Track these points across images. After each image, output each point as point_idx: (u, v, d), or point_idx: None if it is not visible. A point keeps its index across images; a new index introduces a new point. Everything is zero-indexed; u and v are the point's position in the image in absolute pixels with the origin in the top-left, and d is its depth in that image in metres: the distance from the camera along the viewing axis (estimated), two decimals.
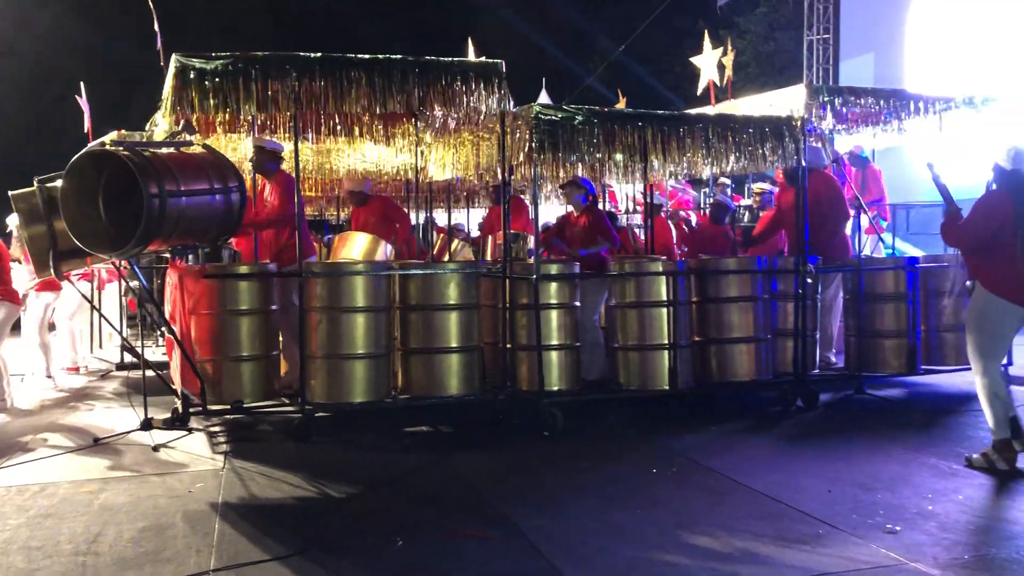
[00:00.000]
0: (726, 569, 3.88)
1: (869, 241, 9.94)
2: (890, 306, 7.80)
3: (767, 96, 8.07)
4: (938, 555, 3.99)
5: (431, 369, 6.71)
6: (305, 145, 8.77)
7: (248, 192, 7.11)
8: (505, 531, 4.42)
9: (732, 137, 7.24)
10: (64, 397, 8.30)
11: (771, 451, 6.07)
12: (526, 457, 5.99)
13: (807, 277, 7.43)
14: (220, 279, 6.59)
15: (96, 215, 6.04)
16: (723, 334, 7.29)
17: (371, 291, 6.55)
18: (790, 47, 22.65)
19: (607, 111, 7.11)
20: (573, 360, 7.04)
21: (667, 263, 7.21)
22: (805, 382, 7.43)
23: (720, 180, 12.01)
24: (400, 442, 6.54)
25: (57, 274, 6.78)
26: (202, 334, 6.57)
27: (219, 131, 7.96)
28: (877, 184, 10.38)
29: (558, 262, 7.45)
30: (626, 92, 15.89)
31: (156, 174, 5.67)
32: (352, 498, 5.10)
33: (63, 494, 5.11)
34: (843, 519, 4.49)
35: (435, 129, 7.95)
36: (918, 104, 7.87)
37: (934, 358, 8.07)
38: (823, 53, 18.85)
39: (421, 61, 6.43)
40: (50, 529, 4.48)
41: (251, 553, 4.14)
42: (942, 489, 5.00)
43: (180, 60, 5.98)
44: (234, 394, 6.55)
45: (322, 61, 6.21)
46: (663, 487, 5.20)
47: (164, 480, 5.39)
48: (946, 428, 6.67)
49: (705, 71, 10.40)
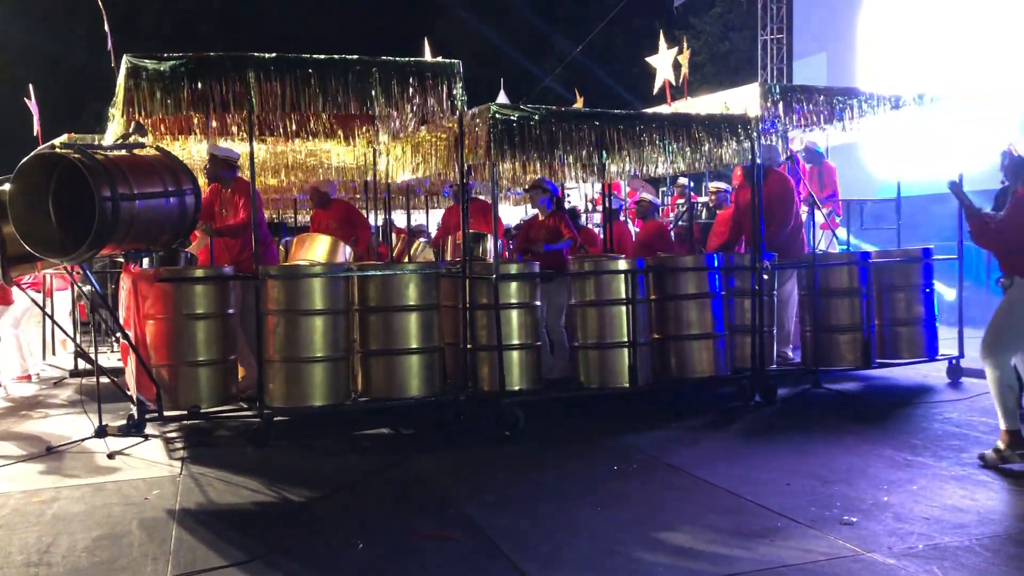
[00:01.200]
0: (687, 564, 3.91)
1: (824, 237, 10.07)
2: (844, 301, 7.91)
3: (722, 95, 8.17)
4: (893, 545, 4.06)
5: (391, 371, 6.67)
6: (260, 147, 8.68)
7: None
8: (467, 531, 4.42)
9: (688, 135, 7.31)
10: (15, 406, 8.12)
11: (730, 446, 6.13)
12: (488, 457, 5.99)
13: (763, 273, 7.52)
14: (175, 283, 6.49)
15: (46, 219, 5.92)
16: (682, 331, 7.34)
17: (329, 293, 6.50)
18: (745, 47, 22.89)
19: (564, 110, 7.14)
20: (534, 359, 7.04)
21: (626, 261, 7.25)
22: (763, 377, 7.52)
23: (679, 180, 12.11)
24: (360, 445, 6.50)
25: (6, 280, 6.63)
26: (157, 339, 6.47)
27: (172, 133, 7.85)
28: (831, 180, 10.53)
29: (517, 262, 7.45)
30: (584, 92, 15.95)
31: (108, 177, 5.56)
32: (312, 502, 5.05)
33: (14, 504, 4.99)
34: (801, 512, 4.55)
35: (392, 130, 7.91)
36: (870, 101, 8.00)
37: (888, 352, 8.21)
38: (777, 52, 19.07)
39: (377, 61, 6.40)
40: (1, 540, 4.38)
41: (209, 559, 4.09)
42: (897, 480, 5.09)
43: (131, 61, 5.88)
44: (191, 399, 6.46)
45: (276, 61, 6.15)
46: (624, 484, 5.22)
47: (119, 488, 5.30)
48: (901, 420, 6.79)
49: (661, 71, 10.49)
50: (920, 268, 8.22)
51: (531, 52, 26.34)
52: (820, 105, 7.80)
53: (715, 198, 10.44)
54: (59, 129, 9.14)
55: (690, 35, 21.04)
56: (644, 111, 8.79)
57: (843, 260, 8.16)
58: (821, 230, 9.94)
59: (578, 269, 7.24)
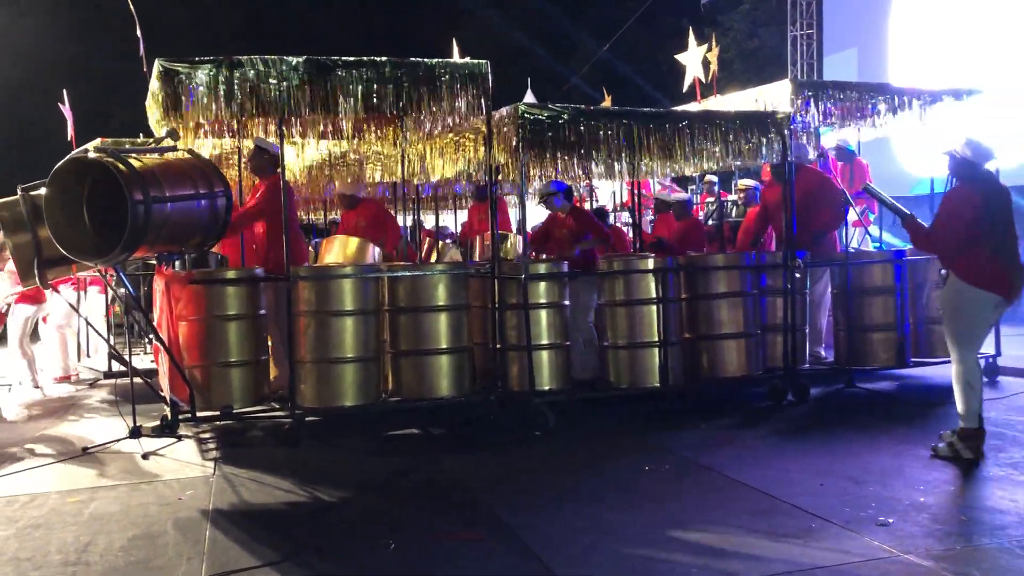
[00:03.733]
0: (719, 565, 3.88)
1: (856, 234, 9.95)
2: (878, 299, 7.82)
3: (752, 92, 8.09)
4: (931, 546, 4.00)
5: (421, 371, 6.68)
6: (290, 148, 8.73)
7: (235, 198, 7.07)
8: (497, 532, 4.41)
9: (718, 133, 7.26)
10: (52, 407, 8.25)
11: (762, 446, 6.07)
12: (517, 457, 5.98)
13: (795, 272, 7.44)
14: (207, 284, 6.55)
15: (81, 222, 5.99)
16: (713, 330, 7.29)
17: (359, 294, 6.53)
18: (773, 43, 22.70)
19: (593, 109, 7.13)
20: (563, 359, 7.03)
21: (656, 260, 7.21)
22: (795, 377, 7.44)
23: (707, 177, 12.02)
24: (391, 445, 6.52)
25: (42, 282, 6.71)
26: (190, 340, 6.53)
27: (203, 136, 7.91)
28: (864, 177, 10.40)
29: (546, 261, 7.44)
30: (611, 91, 15.89)
31: (141, 180, 5.62)
32: (343, 502, 5.08)
33: (52, 504, 5.06)
34: (835, 512, 4.49)
35: (421, 131, 7.93)
36: (902, 98, 7.90)
37: (923, 350, 8.09)
38: (807, 49, 18.91)
39: (406, 62, 6.41)
40: (39, 540, 4.44)
41: (242, 559, 4.12)
42: (933, 481, 5.01)
43: (163, 65, 5.95)
44: (223, 400, 6.51)
45: (306, 64, 6.18)
46: (655, 485, 5.19)
47: (154, 488, 5.36)
48: (937, 420, 6.68)
49: (690, 68, 10.41)
50: None
51: (558, 51, 26.29)
52: (852, 101, 7.72)
53: (744, 196, 10.36)
54: (91, 134, 9.23)
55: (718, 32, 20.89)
56: (674, 109, 8.73)
57: (877, 258, 8.06)
58: (854, 228, 9.83)
59: (607, 268, 7.20)
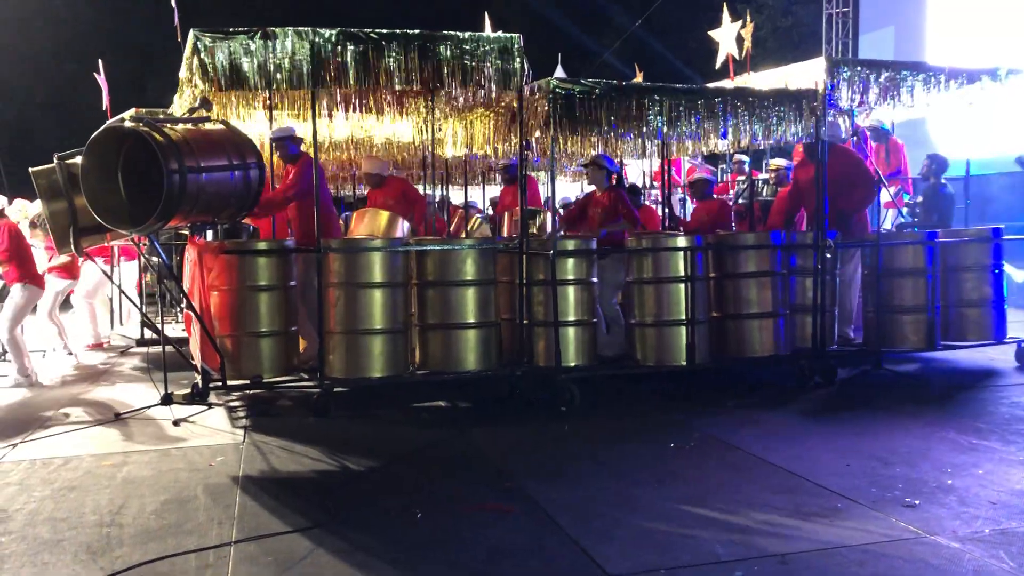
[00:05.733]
0: (743, 541, 3.89)
1: (889, 215, 9.84)
2: (909, 281, 7.74)
3: (786, 69, 7.98)
4: (957, 529, 3.99)
5: (448, 345, 6.72)
6: (321, 122, 8.75)
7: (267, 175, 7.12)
8: (523, 504, 4.45)
9: (751, 111, 7.19)
10: (85, 373, 8.40)
11: (789, 426, 6.06)
12: (543, 432, 6.02)
13: (826, 252, 7.39)
14: (239, 255, 6.62)
15: (116, 191, 6.07)
16: (741, 309, 7.27)
17: (389, 267, 6.57)
18: (808, 20, 22.34)
19: (625, 84, 7.06)
20: (590, 336, 7.04)
21: (685, 238, 7.18)
22: (824, 357, 7.41)
23: (736, 156, 11.91)
24: (418, 417, 6.58)
25: (78, 250, 6.83)
26: (221, 310, 6.61)
27: (236, 107, 7.96)
28: (898, 157, 10.27)
29: (575, 238, 7.43)
30: (643, 67, 15.74)
31: (176, 150, 5.68)
32: (371, 471, 5.14)
33: (86, 467, 5.17)
34: (861, 493, 4.49)
35: (451, 104, 7.92)
36: (939, 77, 7.77)
37: (953, 334, 8.01)
38: (842, 27, 18.59)
39: (438, 35, 6.40)
40: (74, 501, 4.55)
41: (272, 525, 4.19)
42: (961, 463, 4.99)
43: (198, 36, 5.98)
44: (253, 369, 6.60)
45: (339, 35, 6.19)
46: (680, 462, 5.20)
47: (185, 454, 5.45)
48: (965, 403, 6.64)
49: (724, 44, 10.28)
50: (989, 248, 7.99)
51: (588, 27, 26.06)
52: (887, 80, 7.60)
53: (776, 176, 10.26)
54: (126, 104, 9.32)
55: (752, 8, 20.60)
56: (707, 85, 8.65)
57: (908, 239, 7.97)
58: (886, 209, 9.72)
59: (636, 246, 7.19)
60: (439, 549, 3.91)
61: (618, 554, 3.78)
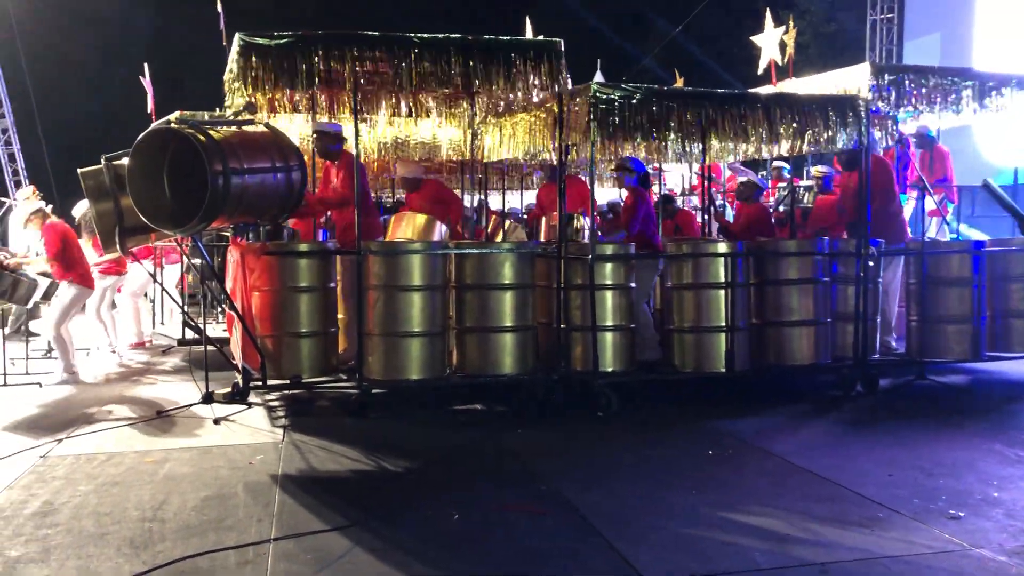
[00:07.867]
0: (783, 550, 3.85)
1: (934, 223, 9.69)
2: (954, 291, 7.61)
3: (829, 75, 7.89)
4: (1004, 542, 3.91)
5: (486, 348, 6.73)
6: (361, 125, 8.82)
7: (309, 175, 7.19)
8: (558, 507, 4.44)
9: (793, 117, 7.11)
10: (128, 371, 8.53)
11: (830, 435, 5.99)
12: (580, 437, 6.00)
13: (869, 260, 7.29)
14: (280, 256, 6.68)
15: (161, 192, 6.16)
16: (782, 317, 7.19)
17: (428, 270, 6.60)
18: (852, 27, 22.12)
19: (667, 89, 7.04)
20: (628, 341, 7.01)
21: (726, 244, 7.12)
22: (865, 367, 7.30)
23: (775, 163, 11.78)
24: (455, 419, 6.59)
25: (123, 250, 6.92)
26: (263, 310, 6.67)
27: (280, 110, 8.06)
28: (943, 165, 10.11)
29: (613, 243, 7.40)
30: (683, 73, 15.66)
31: (220, 152, 5.75)
32: (408, 472, 5.17)
33: (129, 463, 5.25)
34: (904, 503, 4.42)
35: (491, 109, 7.94)
36: (987, 84, 7.63)
37: (999, 344, 7.86)
38: (887, 33, 18.39)
39: (479, 40, 6.43)
40: (118, 496, 4.62)
41: (311, 523, 4.23)
42: (1008, 476, 4.89)
43: (243, 39, 6.06)
44: (293, 369, 6.65)
45: (382, 39, 6.24)
46: (718, 468, 5.16)
47: (225, 452, 5.52)
48: (1011, 415, 6.51)
49: (766, 50, 10.19)
50: None
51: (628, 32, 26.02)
52: (933, 87, 7.49)
53: (818, 182, 10.14)
54: (170, 107, 9.47)
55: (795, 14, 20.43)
56: (748, 91, 8.58)
57: (954, 248, 7.84)
58: (930, 217, 9.57)
59: (675, 251, 7.15)
60: (474, 549, 3.91)
61: (655, 559, 3.76)
